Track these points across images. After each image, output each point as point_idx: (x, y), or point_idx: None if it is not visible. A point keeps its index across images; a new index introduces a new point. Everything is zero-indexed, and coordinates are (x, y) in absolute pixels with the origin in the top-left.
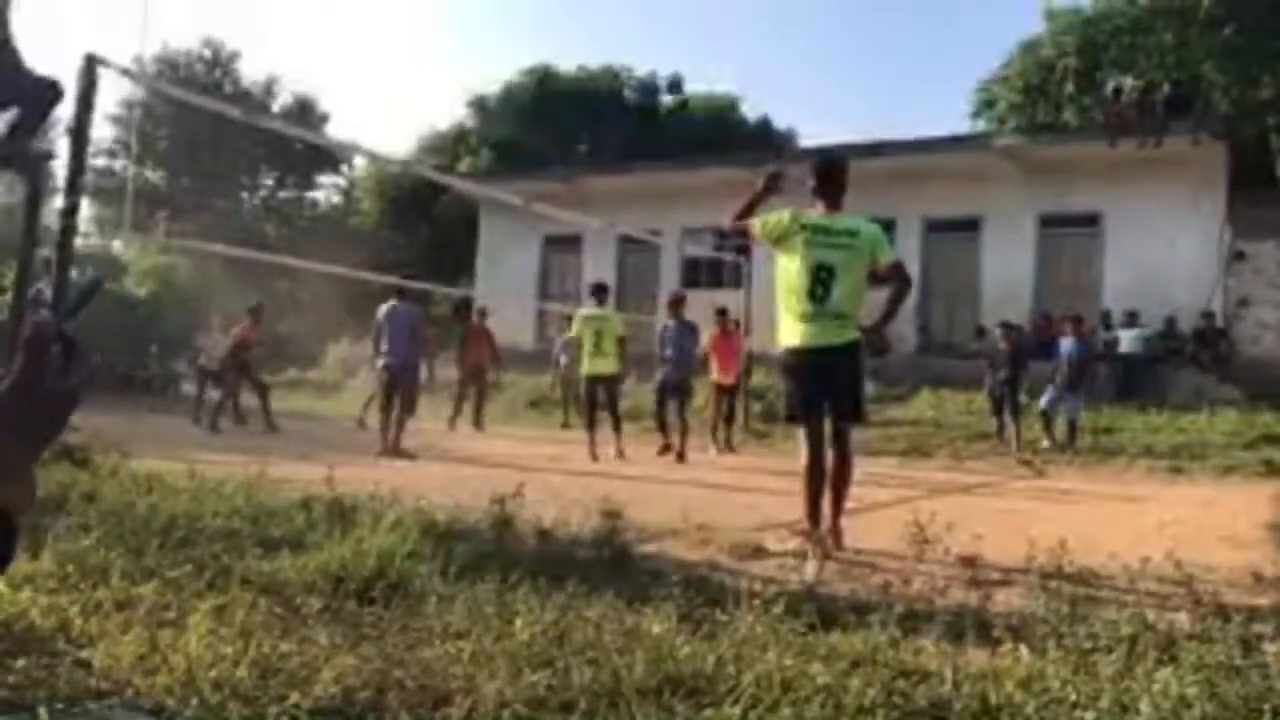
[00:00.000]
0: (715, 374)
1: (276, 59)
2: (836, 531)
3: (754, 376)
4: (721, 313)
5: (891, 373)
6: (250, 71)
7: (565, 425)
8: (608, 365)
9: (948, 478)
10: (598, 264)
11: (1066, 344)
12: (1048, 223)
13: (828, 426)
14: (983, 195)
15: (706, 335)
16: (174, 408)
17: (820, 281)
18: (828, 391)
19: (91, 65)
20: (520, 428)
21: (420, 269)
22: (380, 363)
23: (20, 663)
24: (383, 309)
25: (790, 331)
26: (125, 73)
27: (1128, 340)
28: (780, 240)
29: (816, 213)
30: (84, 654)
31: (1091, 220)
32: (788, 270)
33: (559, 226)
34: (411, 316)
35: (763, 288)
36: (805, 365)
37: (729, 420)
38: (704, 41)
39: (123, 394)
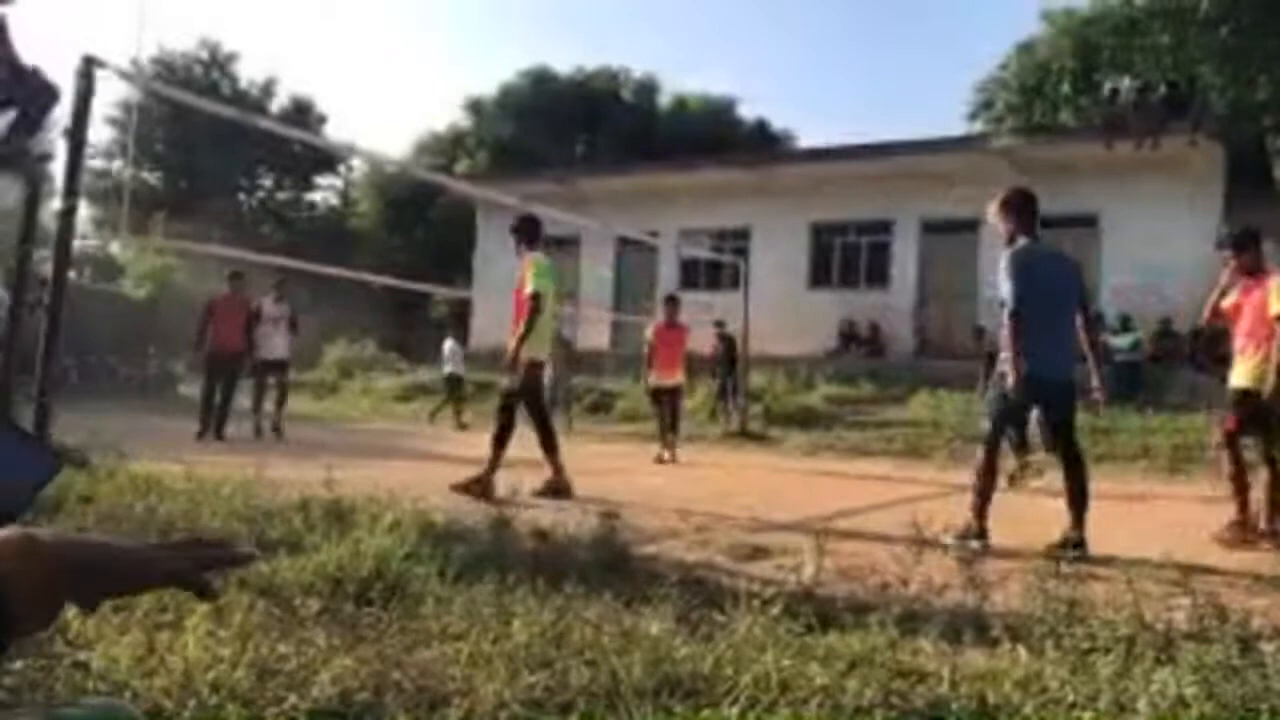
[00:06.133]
0: (654, 375)
1: (275, 60)
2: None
3: (752, 378)
4: (719, 323)
5: (889, 373)
6: (248, 72)
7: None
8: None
9: (945, 478)
10: (596, 265)
11: None
12: (1045, 223)
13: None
14: (980, 196)
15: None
16: (171, 409)
17: None
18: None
19: (89, 66)
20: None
21: (417, 270)
22: None
23: (18, 664)
24: None
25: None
26: (123, 74)
27: (1120, 349)
28: None
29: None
30: (82, 656)
31: (1089, 221)
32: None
33: (556, 227)
34: None
35: (761, 290)
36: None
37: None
38: (702, 42)
39: (121, 395)
